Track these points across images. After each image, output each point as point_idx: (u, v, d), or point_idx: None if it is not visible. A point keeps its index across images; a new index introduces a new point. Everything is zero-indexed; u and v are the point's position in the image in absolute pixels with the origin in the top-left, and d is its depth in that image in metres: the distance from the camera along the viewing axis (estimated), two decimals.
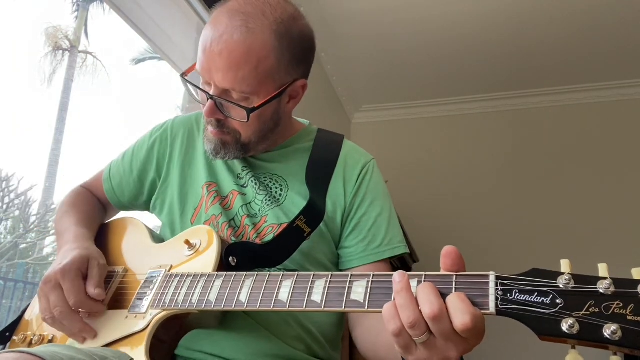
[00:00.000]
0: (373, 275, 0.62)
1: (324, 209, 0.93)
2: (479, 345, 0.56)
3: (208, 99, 0.87)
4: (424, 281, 0.57)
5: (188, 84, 0.92)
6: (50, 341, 0.88)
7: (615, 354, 0.49)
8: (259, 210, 0.94)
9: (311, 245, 0.91)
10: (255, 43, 0.84)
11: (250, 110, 0.86)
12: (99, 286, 0.82)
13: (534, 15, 2.74)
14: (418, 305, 0.54)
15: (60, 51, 13.01)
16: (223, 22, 0.85)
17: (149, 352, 0.73)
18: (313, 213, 0.90)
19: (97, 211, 1.09)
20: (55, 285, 0.80)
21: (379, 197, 0.98)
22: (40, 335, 0.90)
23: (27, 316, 0.99)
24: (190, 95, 0.94)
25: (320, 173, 0.97)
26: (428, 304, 0.53)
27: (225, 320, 0.86)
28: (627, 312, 0.48)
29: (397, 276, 0.58)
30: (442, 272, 0.58)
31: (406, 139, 3.82)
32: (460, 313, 0.52)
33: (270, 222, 0.92)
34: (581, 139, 3.40)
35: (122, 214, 1.14)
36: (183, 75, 0.92)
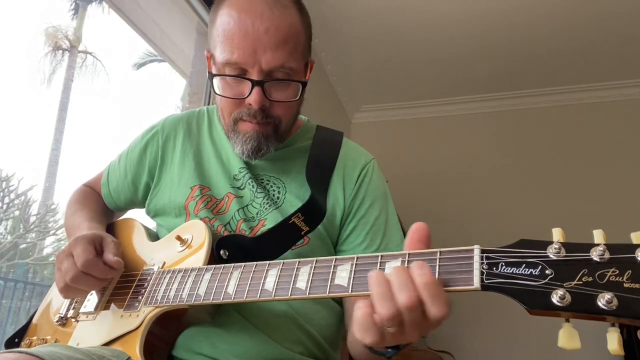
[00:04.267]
0: (357, 258, 0.61)
1: (325, 209, 0.91)
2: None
3: (253, 86, 0.83)
4: (407, 263, 0.56)
5: (226, 78, 0.85)
6: None
7: (613, 325, 0.45)
8: (257, 214, 0.92)
9: (309, 248, 0.90)
10: (292, 18, 0.86)
11: (304, 83, 0.87)
12: (117, 255, 0.83)
13: (534, 16, 2.75)
14: (394, 299, 0.53)
15: (60, 51, 13.00)
16: (255, 3, 0.83)
17: (143, 349, 0.74)
18: (312, 212, 0.88)
19: (105, 209, 1.10)
20: (68, 254, 0.81)
21: (378, 199, 0.96)
22: (43, 339, 0.91)
23: (34, 321, 0.99)
24: (216, 94, 0.88)
25: (319, 173, 0.95)
26: (405, 294, 0.52)
27: (223, 322, 0.86)
28: (624, 280, 0.44)
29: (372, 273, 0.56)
30: (425, 250, 0.57)
31: (406, 139, 3.83)
32: (438, 301, 0.51)
33: (269, 226, 0.91)
34: (581, 138, 3.41)
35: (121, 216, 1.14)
36: (211, 73, 0.88)
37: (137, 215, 1.12)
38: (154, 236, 1.00)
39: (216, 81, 0.87)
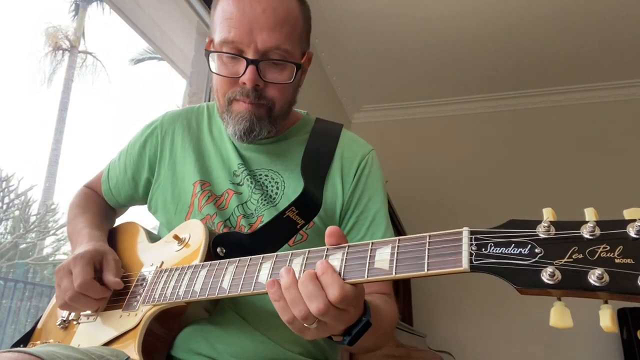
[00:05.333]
0: (348, 246, 0.62)
1: (320, 202, 0.90)
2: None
3: (248, 65, 0.83)
4: (398, 249, 0.58)
5: (223, 55, 0.86)
6: None
7: (606, 302, 0.44)
8: (255, 210, 0.92)
9: (307, 244, 0.89)
10: (291, 3, 0.88)
11: (298, 66, 0.87)
12: (117, 276, 0.85)
13: (534, 16, 2.75)
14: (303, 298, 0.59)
15: (60, 51, 13.00)
16: None
17: (141, 347, 0.74)
18: (306, 205, 0.88)
19: (106, 211, 1.10)
20: (67, 272, 0.83)
21: (377, 192, 0.96)
22: (46, 342, 0.92)
23: (39, 325, 1.00)
24: (212, 72, 0.90)
25: (316, 165, 0.94)
26: (315, 302, 0.58)
27: (222, 322, 0.86)
28: (615, 255, 0.43)
29: (283, 272, 0.62)
30: (416, 235, 0.58)
31: (406, 139, 3.83)
32: (330, 287, 0.58)
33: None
34: (580, 138, 3.41)
35: (120, 219, 1.14)
36: (208, 50, 0.89)
37: (139, 216, 1.13)
38: (154, 238, 1.00)
39: (212, 60, 0.88)
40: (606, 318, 0.44)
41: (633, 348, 2.74)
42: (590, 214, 0.47)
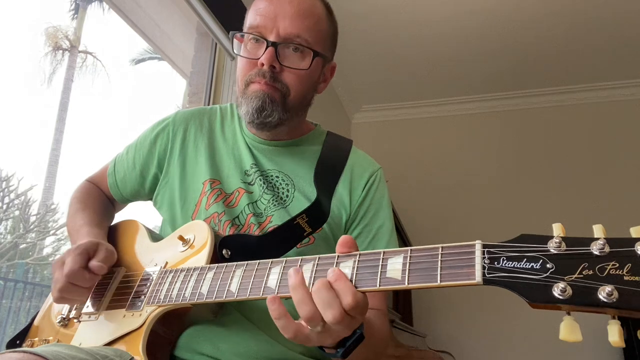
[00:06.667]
0: (360, 254, 0.62)
1: (328, 212, 0.93)
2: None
3: (267, 47, 0.88)
4: (410, 259, 0.58)
5: (248, 41, 0.93)
6: None
7: (614, 317, 0.46)
8: (264, 210, 0.94)
9: (313, 248, 0.91)
10: (317, 3, 0.95)
11: (315, 53, 0.91)
12: (101, 261, 0.84)
13: (534, 16, 2.75)
14: (313, 301, 0.59)
15: (60, 51, 12.99)
16: None
17: (146, 348, 0.74)
18: (316, 214, 0.90)
19: (106, 208, 1.10)
20: (60, 264, 0.83)
21: (382, 208, 0.99)
22: (45, 340, 0.92)
23: (36, 322, 0.99)
24: (234, 54, 0.95)
25: (327, 176, 0.97)
26: (330, 311, 0.58)
27: (225, 322, 0.86)
28: (624, 272, 0.45)
29: (292, 272, 0.62)
30: (427, 245, 0.59)
31: (406, 139, 3.83)
32: (344, 295, 0.58)
33: (275, 223, 0.92)
34: (581, 138, 3.41)
35: (120, 217, 1.14)
36: (233, 32, 0.96)
37: (138, 216, 1.12)
38: (156, 237, 1.00)
39: (236, 43, 0.95)
40: (614, 333, 0.45)
41: (633, 348, 2.74)
42: (598, 231, 0.49)
